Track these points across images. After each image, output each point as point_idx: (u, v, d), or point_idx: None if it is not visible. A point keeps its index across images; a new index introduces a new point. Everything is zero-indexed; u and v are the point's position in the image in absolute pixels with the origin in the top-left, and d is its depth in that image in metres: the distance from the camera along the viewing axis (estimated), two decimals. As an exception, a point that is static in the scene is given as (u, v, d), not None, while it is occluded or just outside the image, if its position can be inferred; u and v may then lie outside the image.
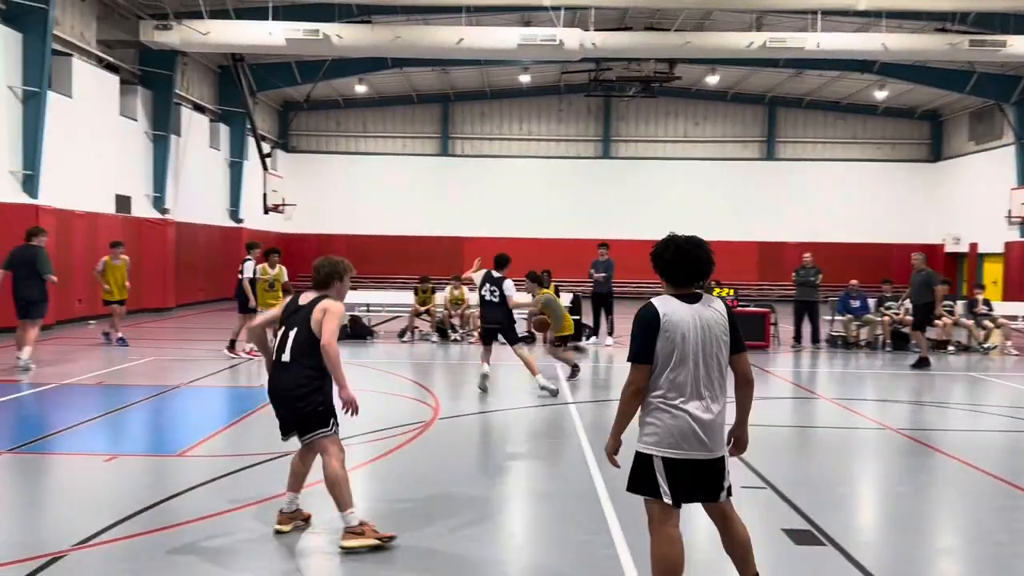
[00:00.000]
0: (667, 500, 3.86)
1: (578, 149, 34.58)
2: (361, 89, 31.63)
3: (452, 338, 16.48)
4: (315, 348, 5.10)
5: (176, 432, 8.72)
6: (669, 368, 3.84)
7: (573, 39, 20.51)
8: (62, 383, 10.67)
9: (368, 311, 18.16)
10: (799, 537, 5.39)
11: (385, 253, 32.59)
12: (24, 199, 16.39)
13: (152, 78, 22.21)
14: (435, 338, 16.49)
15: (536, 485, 6.79)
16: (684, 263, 3.95)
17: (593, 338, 16.27)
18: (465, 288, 16.91)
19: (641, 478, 3.92)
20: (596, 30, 21.26)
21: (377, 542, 5.02)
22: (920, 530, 5.91)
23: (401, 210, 33.32)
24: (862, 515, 6.39)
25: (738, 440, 4.16)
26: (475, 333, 16.59)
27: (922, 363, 13.74)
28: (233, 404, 10.33)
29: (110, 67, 20.58)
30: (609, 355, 15.05)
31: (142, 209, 21.90)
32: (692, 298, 3.95)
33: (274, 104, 32.93)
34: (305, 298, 5.38)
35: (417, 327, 16.75)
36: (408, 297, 17.58)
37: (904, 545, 5.48)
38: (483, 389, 10.57)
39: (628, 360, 3.91)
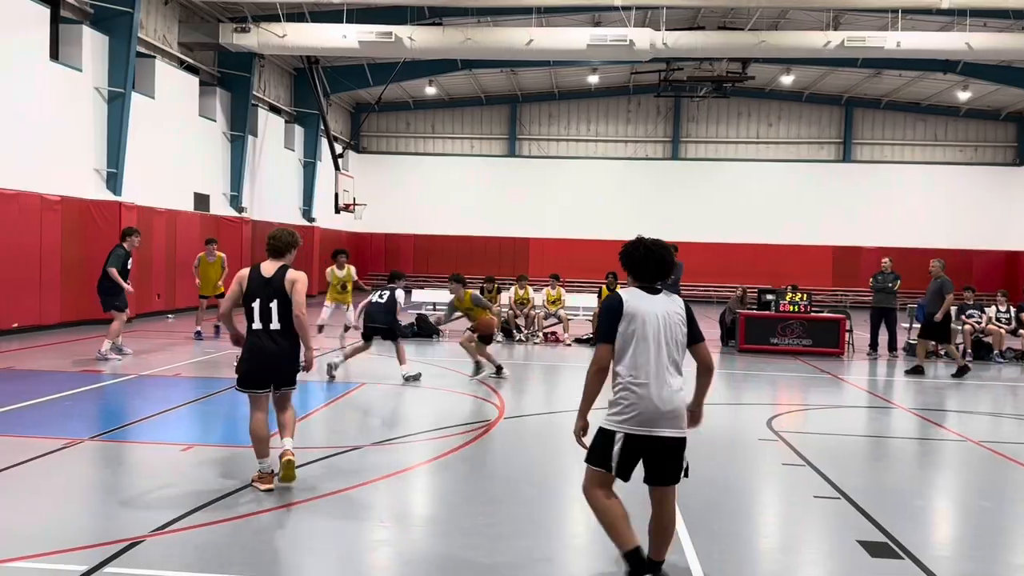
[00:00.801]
0: (612, 473, 4.25)
1: (646, 150, 34.27)
2: (431, 90, 31.99)
3: (517, 338, 16.49)
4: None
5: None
6: (631, 349, 4.27)
7: (644, 39, 20.34)
8: (140, 374, 11.06)
9: (435, 309, 18.32)
10: (875, 549, 5.21)
11: (451, 253, 32.90)
12: (108, 196, 17.07)
13: (230, 80, 22.88)
14: (499, 338, 16.52)
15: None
16: (650, 262, 4.47)
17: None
18: (530, 288, 16.92)
19: (599, 451, 4.30)
20: (668, 30, 21.03)
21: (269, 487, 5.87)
22: (1002, 545, 5.65)
23: (468, 210, 33.60)
24: (941, 528, 6.14)
25: (693, 415, 4.47)
26: (540, 333, 16.60)
27: (962, 372, 13.35)
28: (306, 396, 10.53)
29: (190, 69, 21.29)
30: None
31: (220, 207, 22.59)
32: (654, 291, 4.45)
33: (346, 105, 33.57)
34: (268, 269, 6.06)
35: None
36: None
37: (984, 560, 5.24)
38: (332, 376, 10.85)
39: (592, 344, 4.13)
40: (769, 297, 15.99)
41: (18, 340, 13.96)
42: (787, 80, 29.89)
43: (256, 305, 5.97)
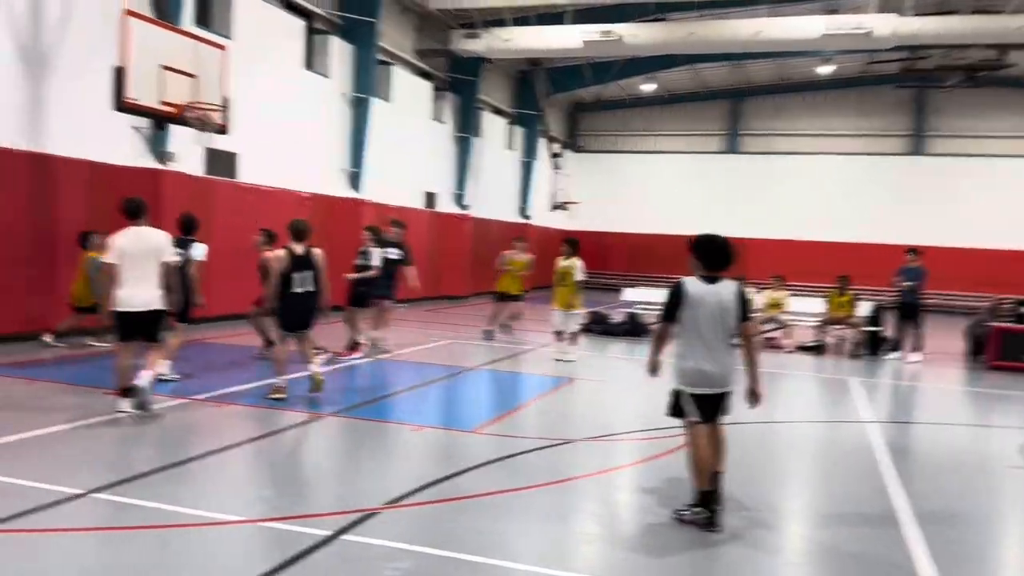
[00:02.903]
0: (696, 419, 5.37)
1: (883, 145, 31.72)
2: (649, 87, 31.67)
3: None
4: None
5: (471, 409, 9.41)
6: (691, 330, 5.31)
7: (885, 26, 18.88)
8: (377, 358, 11.91)
9: (646, 309, 18.14)
10: None
11: (666, 252, 32.36)
12: (351, 194, 18.58)
13: (459, 84, 24.05)
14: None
15: (823, 502, 6.33)
16: (719, 254, 5.37)
17: (896, 352, 14.82)
18: (784, 292, 16.22)
19: (676, 406, 5.47)
20: (914, 15, 19.34)
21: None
22: None
23: (683, 209, 32.76)
24: None
25: (753, 394, 5.45)
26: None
27: None
28: (521, 388, 10.88)
29: (424, 74, 22.62)
30: (914, 373, 13.63)
31: (446, 205, 23.84)
32: (713, 280, 5.35)
33: (565, 106, 34.11)
34: (298, 249, 8.55)
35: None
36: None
37: None
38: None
39: (658, 320, 5.62)
40: (1030, 309, 14.25)
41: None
42: (1056, 65, 26.43)
43: (299, 275, 8.42)
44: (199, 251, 9.52)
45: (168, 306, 7.78)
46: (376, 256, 11.94)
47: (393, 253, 12.36)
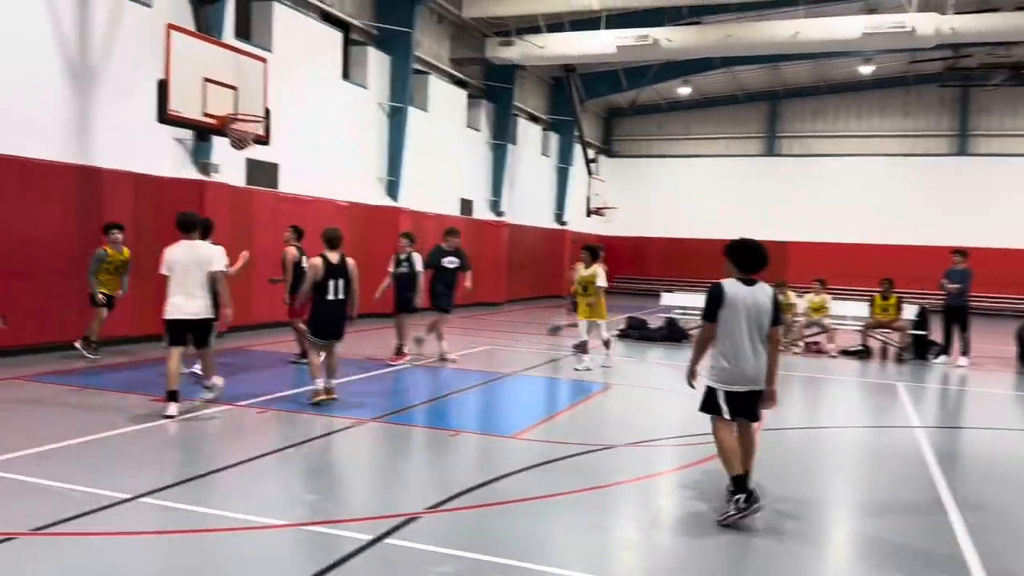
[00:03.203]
0: (726, 416, 5.57)
1: (926, 146, 31.12)
2: (684, 91, 31.47)
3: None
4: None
5: (511, 415, 9.41)
6: (728, 330, 5.51)
7: (927, 24, 18.55)
8: (415, 364, 11.96)
9: (684, 314, 17.98)
10: None
11: (701, 257, 32.07)
12: (388, 202, 18.73)
13: (494, 91, 24.13)
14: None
15: (872, 504, 6.19)
16: (754, 258, 5.61)
17: (943, 356, 14.49)
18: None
19: (709, 402, 5.65)
20: (956, 13, 18.96)
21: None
22: None
23: (721, 213, 32.46)
24: None
25: (770, 394, 5.63)
26: (800, 343, 15.67)
27: None
28: (561, 393, 10.85)
29: (459, 83, 22.75)
30: (962, 377, 13.30)
31: (482, 212, 23.91)
32: (750, 283, 5.60)
33: (600, 111, 34.04)
34: (333, 257, 8.58)
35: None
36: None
37: None
38: None
39: (700, 320, 5.74)
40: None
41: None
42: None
43: (332, 283, 8.46)
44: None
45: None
46: (419, 262, 11.96)
47: (450, 262, 12.26)
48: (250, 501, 5.58)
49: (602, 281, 11.83)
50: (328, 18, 17.25)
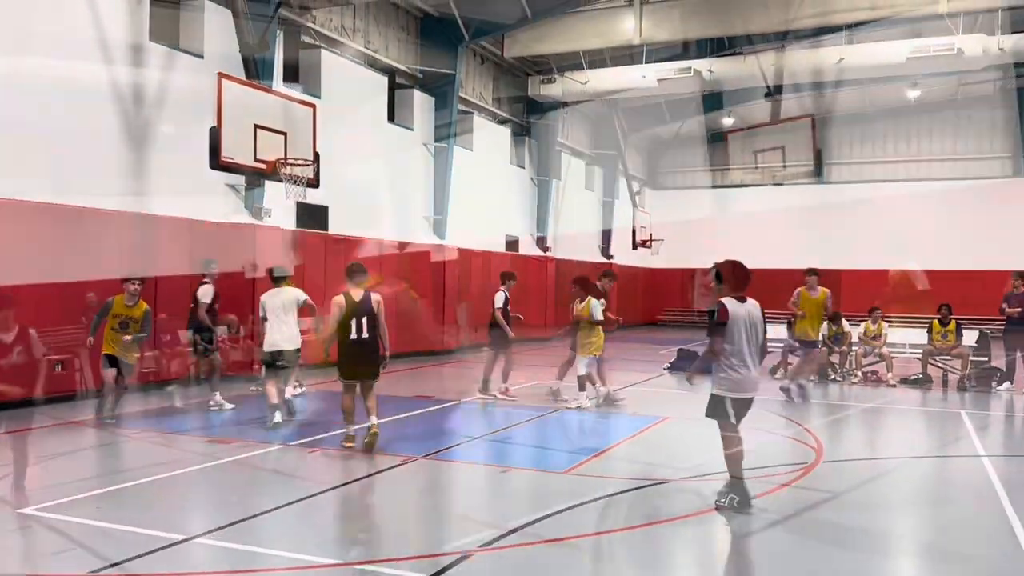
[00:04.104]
0: (733, 421, 6.28)
1: (980, 168, 30.39)
2: (728, 121, 31.31)
3: (831, 377, 15.30)
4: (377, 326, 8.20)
5: (563, 450, 9.32)
6: (733, 343, 6.21)
7: (975, 46, 18.26)
8: (461, 400, 11.96)
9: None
10: None
11: (752, 287, 31.53)
12: (435, 240, 18.91)
13: (537, 128, 24.35)
14: (813, 377, 15.43)
15: (946, 544, 5.95)
16: (745, 277, 6.44)
17: (1007, 384, 13.96)
18: (884, 323, 15.54)
19: (716, 410, 6.34)
20: (1006, 33, 18.63)
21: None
22: None
23: (769, 241, 31.93)
24: None
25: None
26: (859, 372, 15.26)
27: None
28: (613, 428, 10.70)
29: (503, 121, 23.01)
30: (1029, 404, 12.78)
31: (527, 248, 23.99)
32: (742, 300, 6.37)
33: (643, 143, 34.04)
34: (356, 294, 8.15)
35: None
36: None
37: None
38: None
39: (708, 334, 6.30)
40: None
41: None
42: None
43: (354, 322, 8.05)
44: (204, 292, 10.49)
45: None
46: (500, 299, 12.52)
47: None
48: (303, 541, 5.59)
49: (598, 314, 11.43)
50: (373, 64, 17.66)
